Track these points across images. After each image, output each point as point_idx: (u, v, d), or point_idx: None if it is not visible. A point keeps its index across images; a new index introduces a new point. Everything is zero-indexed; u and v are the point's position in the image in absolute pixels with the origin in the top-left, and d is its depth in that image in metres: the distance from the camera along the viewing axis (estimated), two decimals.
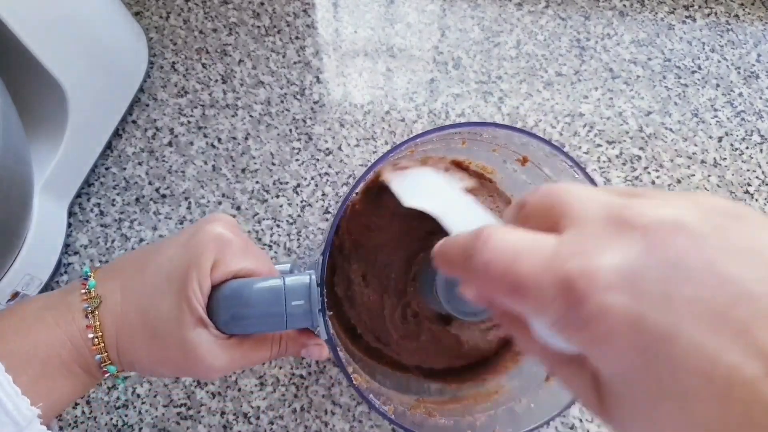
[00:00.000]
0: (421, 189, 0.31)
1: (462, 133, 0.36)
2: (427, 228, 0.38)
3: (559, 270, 0.16)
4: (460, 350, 0.38)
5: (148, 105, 0.53)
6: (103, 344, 0.29)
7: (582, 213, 0.17)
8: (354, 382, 0.32)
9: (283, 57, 0.55)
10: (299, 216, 0.49)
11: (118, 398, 0.43)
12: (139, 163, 0.50)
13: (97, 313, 0.29)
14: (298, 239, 0.48)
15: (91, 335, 0.28)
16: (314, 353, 0.33)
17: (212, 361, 0.29)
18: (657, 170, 0.51)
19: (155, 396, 0.43)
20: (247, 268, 0.30)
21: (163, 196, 0.49)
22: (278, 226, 0.48)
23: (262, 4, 0.57)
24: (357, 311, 0.39)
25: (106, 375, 0.30)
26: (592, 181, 0.34)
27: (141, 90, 0.53)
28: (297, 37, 0.56)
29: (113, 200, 0.49)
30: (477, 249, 0.18)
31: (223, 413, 0.42)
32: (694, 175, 0.51)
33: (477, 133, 0.36)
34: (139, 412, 0.43)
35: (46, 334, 0.28)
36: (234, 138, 0.51)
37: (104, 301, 0.29)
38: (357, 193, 0.38)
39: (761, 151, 0.52)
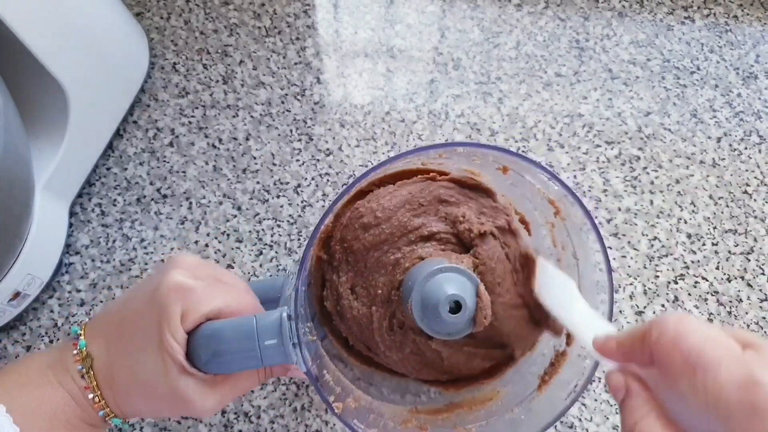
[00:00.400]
0: (554, 288, 0.34)
1: (437, 151, 0.37)
2: (422, 233, 0.38)
3: (747, 369, 0.20)
4: (441, 365, 0.38)
5: (149, 105, 0.53)
6: (103, 401, 0.30)
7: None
8: (336, 411, 0.32)
9: (284, 58, 0.55)
10: (300, 216, 0.49)
11: None
12: (140, 164, 0.51)
13: (92, 372, 0.30)
14: (299, 239, 0.48)
15: (90, 395, 0.30)
16: (299, 374, 0.34)
17: (203, 402, 0.31)
18: (656, 170, 0.51)
19: None
20: (216, 308, 0.31)
21: (165, 196, 0.50)
22: (279, 226, 0.49)
23: (263, 5, 0.57)
24: (347, 325, 0.39)
25: (112, 425, 0.31)
26: (568, 188, 0.34)
27: (142, 90, 0.53)
28: (297, 38, 0.56)
29: (114, 200, 0.49)
30: (664, 329, 0.23)
31: (223, 412, 0.43)
32: (692, 175, 0.51)
33: (451, 150, 0.36)
34: None
35: (50, 392, 0.30)
36: (235, 138, 0.52)
37: (95, 360, 0.31)
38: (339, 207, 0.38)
39: (760, 151, 0.52)
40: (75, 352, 0.31)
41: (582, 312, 0.30)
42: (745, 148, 0.52)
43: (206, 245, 0.48)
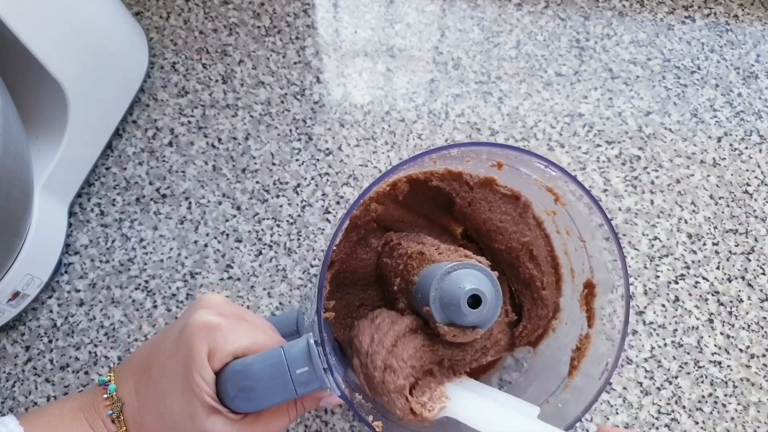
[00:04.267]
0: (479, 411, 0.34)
1: (431, 156, 0.37)
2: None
3: None
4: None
5: (148, 105, 0.53)
6: None
7: None
8: (378, 430, 0.32)
9: (284, 57, 0.55)
10: (299, 216, 0.49)
11: None
12: (140, 163, 0.51)
13: (122, 417, 0.31)
14: (299, 239, 0.48)
15: None
16: (333, 401, 0.34)
17: None
18: (656, 170, 0.51)
19: None
20: (243, 346, 0.31)
21: (164, 196, 0.50)
22: (278, 226, 0.48)
23: (263, 4, 0.57)
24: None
25: None
26: (562, 169, 0.35)
27: (141, 90, 0.53)
28: (297, 38, 0.56)
29: (114, 200, 0.49)
30: None
31: None
32: (693, 175, 0.51)
33: (444, 155, 0.37)
34: None
35: None
36: (234, 138, 0.52)
37: (126, 405, 0.31)
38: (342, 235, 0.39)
39: (760, 151, 0.52)
40: (105, 396, 0.31)
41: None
42: (746, 148, 0.52)
43: (205, 245, 0.48)
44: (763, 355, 0.45)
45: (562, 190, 0.37)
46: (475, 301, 0.33)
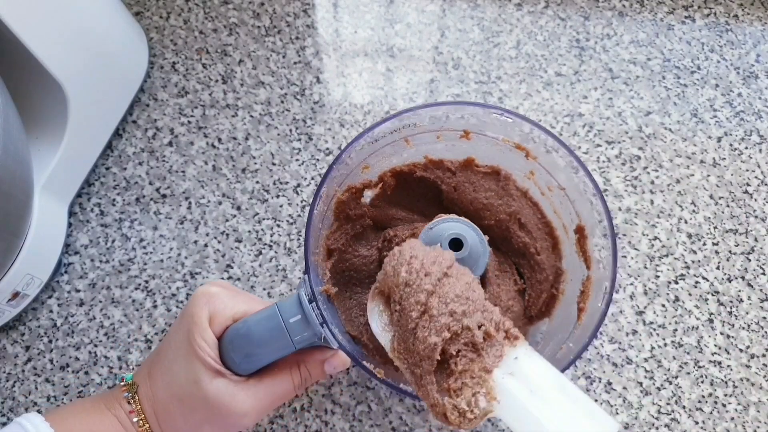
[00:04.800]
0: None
1: (402, 134, 0.39)
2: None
3: None
4: None
5: (148, 105, 0.53)
6: (147, 425, 0.32)
7: None
8: (379, 376, 0.32)
9: (284, 57, 0.55)
10: (299, 216, 0.49)
11: None
12: (140, 163, 0.51)
13: (137, 397, 0.33)
14: (299, 239, 0.48)
15: (135, 418, 0.32)
16: (337, 363, 0.35)
17: (238, 405, 0.31)
18: (656, 170, 0.51)
19: None
20: (241, 311, 0.33)
21: (164, 196, 0.49)
22: (278, 225, 0.48)
23: (262, 4, 0.57)
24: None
25: None
26: (522, 116, 0.37)
27: (141, 90, 0.53)
28: (297, 38, 0.56)
29: (113, 200, 0.49)
30: None
31: None
32: (693, 175, 0.51)
33: (414, 130, 0.39)
34: None
35: (99, 417, 0.32)
36: (234, 138, 0.52)
37: (140, 387, 0.33)
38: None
39: (760, 151, 0.52)
40: (122, 384, 0.33)
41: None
42: (746, 148, 0.52)
43: (205, 245, 0.48)
44: (763, 355, 0.45)
45: (528, 143, 0.39)
46: (456, 244, 0.35)
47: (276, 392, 0.33)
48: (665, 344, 0.45)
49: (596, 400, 0.43)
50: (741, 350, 0.45)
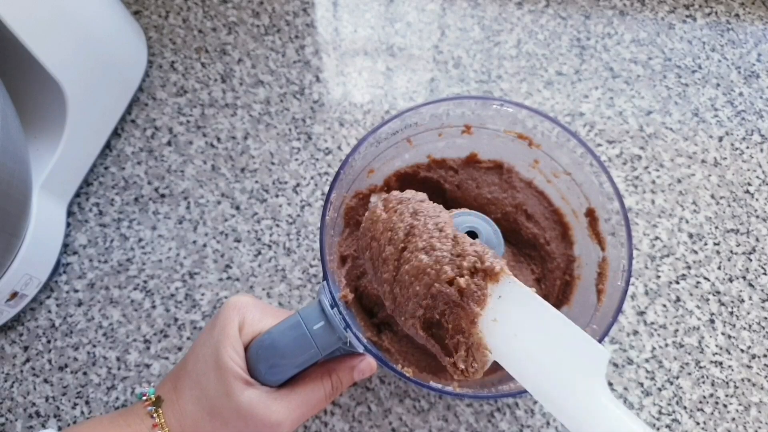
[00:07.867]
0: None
1: (404, 134, 0.39)
2: None
3: None
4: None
5: (147, 104, 0.52)
6: None
7: None
8: (407, 375, 0.32)
9: (283, 56, 0.54)
10: (299, 216, 0.49)
11: (117, 398, 0.43)
12: (138, 163, 0.50)
13: (160, 411, 0.32)
14: (298, 239, 0.48)
15: None
16: (365, 368, 0.35)
17: (272, 415, 0.31)
18: (657, 170, 0.51)
19: None
20: (269, 325, 0.33)
21: (162, 195, 0.49)
22: (278, 225, 0.48)
23: (262, 3, 0.57)
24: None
25: None
26: (522, 105, 0.37)
27: (140, 89, 0.53)
28: (296, 37, 0.55)
29: (112, 200, 0.49)
30: None
31: None
32: (694, 174, 0.51)
33: (415, 129, 0.38)
34: None
35: None
36: (233, 137, 0.51)
37: (165, 401, 0.32)
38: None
39: (762, 150, 0.52)
40: (145, 399, 0.32)
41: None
42: (747, 148, 0.52)
43: (204, 245, 0.48)
44: (765, 356, 0.45)
45: (530, 131, 0.39)
46: (471, 236, 0.35)
47: (309, 401, 0.33)
48: (666, 345, 0.45)
49: None
50: (742, 350, 0.45)
